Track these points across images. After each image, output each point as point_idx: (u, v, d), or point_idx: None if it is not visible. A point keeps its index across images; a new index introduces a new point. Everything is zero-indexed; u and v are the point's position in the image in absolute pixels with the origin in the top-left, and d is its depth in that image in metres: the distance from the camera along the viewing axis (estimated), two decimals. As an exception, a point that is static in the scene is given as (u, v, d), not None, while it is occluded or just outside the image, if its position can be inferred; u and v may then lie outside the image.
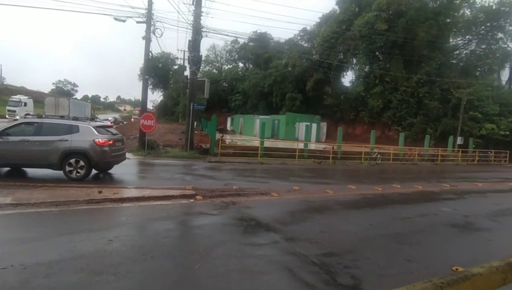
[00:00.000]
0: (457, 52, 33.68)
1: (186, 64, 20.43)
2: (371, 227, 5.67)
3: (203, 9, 15.46)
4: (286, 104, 37.49)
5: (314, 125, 30.22)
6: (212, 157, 14.86)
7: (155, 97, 70.54)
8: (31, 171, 8.64)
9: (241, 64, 56.43)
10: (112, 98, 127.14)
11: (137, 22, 15.29)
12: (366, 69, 33.13)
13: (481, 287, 1.26)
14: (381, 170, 15.87)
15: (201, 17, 15.44)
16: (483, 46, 30.60)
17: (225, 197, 7.13)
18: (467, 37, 32.31)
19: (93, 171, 8.52)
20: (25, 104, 32.00)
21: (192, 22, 15.62)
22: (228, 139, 21.20)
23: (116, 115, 71.15)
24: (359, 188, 9.62)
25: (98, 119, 17.86)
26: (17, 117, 24.87)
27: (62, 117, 8.99)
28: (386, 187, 10.03)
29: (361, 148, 18.98)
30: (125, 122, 44.27)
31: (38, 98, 70.63)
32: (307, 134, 20.36)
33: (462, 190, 10.48)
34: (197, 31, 15.37)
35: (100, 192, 6.54)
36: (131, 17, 15.15)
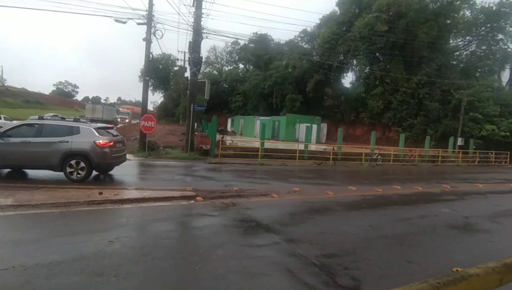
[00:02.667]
0: (458, 53, 33.71)
1: (187, 65, 20.54)
2: (371, 228, 5.67)
3: (203, 10, 15.52)
4: (286, 106, 37.49)
5: (315, 127, 30.20)
6: (212, 159, 14.87)
7: (155, 98, 70.84)
8: (31, 173, 8.67)
9: (241, 66, 56.41)
10: (112, 99, 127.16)
11: (138, 24, 15.39)
12: (366, 70, 33.11)
13: (477, 287, 1.26)
14: (382, 171, 15.87)
15: (202, 19, 15.52)
16: (484, 47, 30.61)
17: (225, 199, 7.14)
18: (467, 38, 32.32)
19: (94, 173, 8.54)
20: None
21: (192, 24, 15.69)
22: (228, 140, 21.21)
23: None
24: (359, 189, 9.62)
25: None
26: None
27: (63, 118, 9.04)
28: (386, 188, 10.02)
29: (361, 149, 18.96)
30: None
31: (38, 99, 70.94)
32: (307, 135, 20.36)
33: (463, 191, 10.47)
34: (198, 33, 15.42)
35: (101, 193, 6.56)
36: (132, 18, 15.24)
